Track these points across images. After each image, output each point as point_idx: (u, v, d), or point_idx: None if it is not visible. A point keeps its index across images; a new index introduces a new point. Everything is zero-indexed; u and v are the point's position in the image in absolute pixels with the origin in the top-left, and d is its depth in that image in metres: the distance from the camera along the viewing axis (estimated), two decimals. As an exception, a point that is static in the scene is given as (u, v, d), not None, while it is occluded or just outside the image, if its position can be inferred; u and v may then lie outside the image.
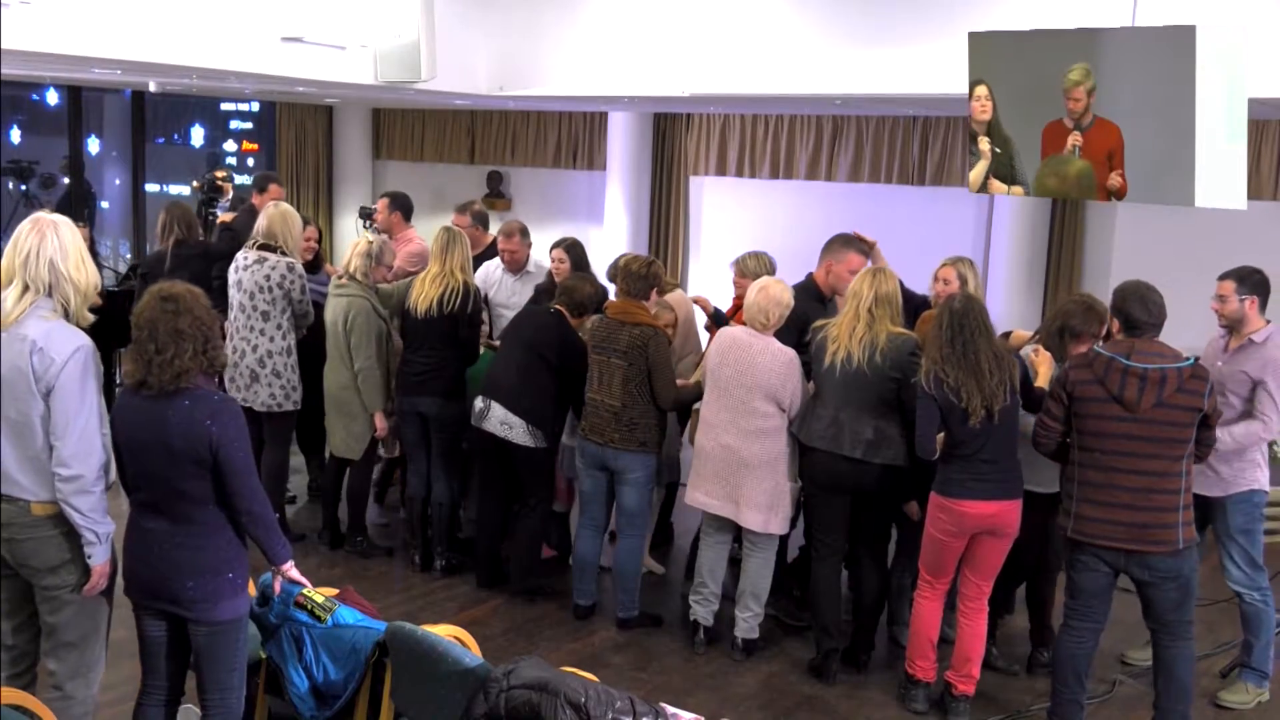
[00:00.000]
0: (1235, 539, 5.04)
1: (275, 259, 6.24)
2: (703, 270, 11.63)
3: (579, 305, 5.86)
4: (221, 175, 9.91)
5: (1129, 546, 4.36)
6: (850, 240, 5.85)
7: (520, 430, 5.71)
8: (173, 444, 3.45)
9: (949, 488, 4.74)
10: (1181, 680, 4.50)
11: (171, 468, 3.48)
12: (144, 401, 3.50)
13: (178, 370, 3.45)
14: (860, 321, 5.00)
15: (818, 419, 5.11)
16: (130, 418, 3.55)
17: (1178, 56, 4.68)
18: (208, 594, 3.58)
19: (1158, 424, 4.27)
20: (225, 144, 14.80)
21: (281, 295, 6.22)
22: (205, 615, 3.60)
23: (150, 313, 3.48)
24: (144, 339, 3.46)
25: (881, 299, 5.00)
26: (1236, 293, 4.95)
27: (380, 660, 3.75)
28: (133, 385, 3.53)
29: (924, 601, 4.96)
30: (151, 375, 3.45)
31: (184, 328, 3.46)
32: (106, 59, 7.26)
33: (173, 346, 3.44)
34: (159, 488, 3.54)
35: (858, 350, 4.96)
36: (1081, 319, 4.90)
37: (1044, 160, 5.25)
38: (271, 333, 6.25)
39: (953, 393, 4.62)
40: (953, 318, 4.66)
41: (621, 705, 3.23)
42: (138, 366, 3.49)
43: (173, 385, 3.46)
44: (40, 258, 3.55)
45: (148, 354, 3.45)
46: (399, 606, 5.77)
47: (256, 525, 3.62)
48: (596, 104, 11.21)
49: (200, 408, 3.48)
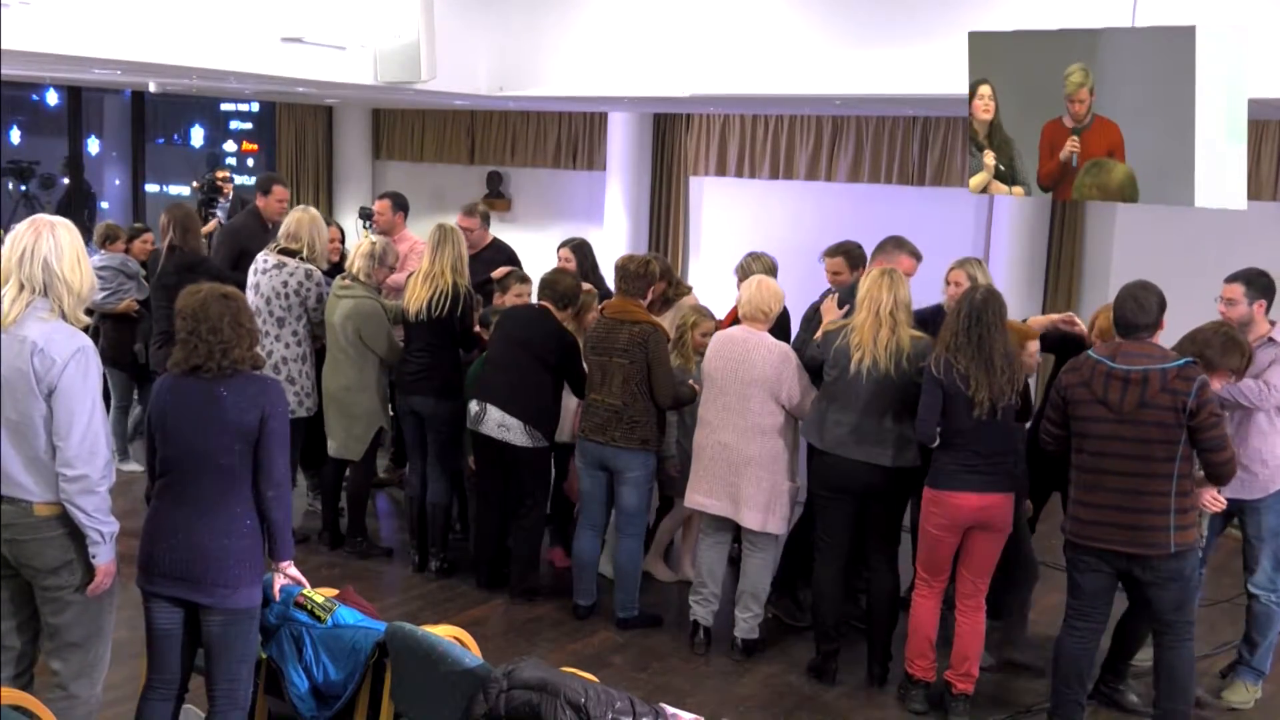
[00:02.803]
0: (1268, 540, 4.99)
1: (294, 265, 6.20)
2: (703, 270, 11.62)
3: (563, 297, 5.86)
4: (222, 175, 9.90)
5: (1120, 548, 4.36)
6: (903, 242, 5.76)
7: (518, 431, 5.71)
8: (226, 416, 3.64)
9: (940, 479, 4.76)
10: (1182, 681, 4.50)
11: (220, 439, 3.63)
12: (197, 383, 3.67)
13: (236, 358, 3.67)
14: (884, 326, 4.94)
15: (837, 425, 5.05)
16: (180, 399, 3.69)
17: (1178, 56, 4.68)
18: (229, 580, 3.65)
19: (1145, 425, 4.27)
20: (225, 144, 14.79)
21: (298, 302, 6.19)
22: (223, 602, 3.66)
23: (215, 308, 3.68)
24: (204, 331, 3.65)
25: (900, 303, 4.97)
26: (1245, 296, 4.92)
27: (380, 660, 3.75)
28: (182, 372, 3.69)
29: (921, 600, 4.97)
30: (211, 361, 3.65)
31: (244, 323, 3.73)
32: (106, 59, 7.26)
33: (235, 338, 3.68)
34: (197, 466, 3.66)
35: (884, 356, 4.92)
36: (1220, 351, 4.63)
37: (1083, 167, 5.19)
38: (287, 339, 6.23)
39: (961, 380, 4.62)
40: (972, 308, 4.67)
41: (621, 705, 3.23)
42: (193, 355, 3.65)
43: (230, 370, 3.67)
44: (34, 257, 3.55)
45: (209, 344, 3.65)
46: (399, 606, 5.77)
47: (279, 506, 3.74)
48: (596, 104, 11.20)
49: (253, 384, 3.72)
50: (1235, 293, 4.95)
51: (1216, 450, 4.30)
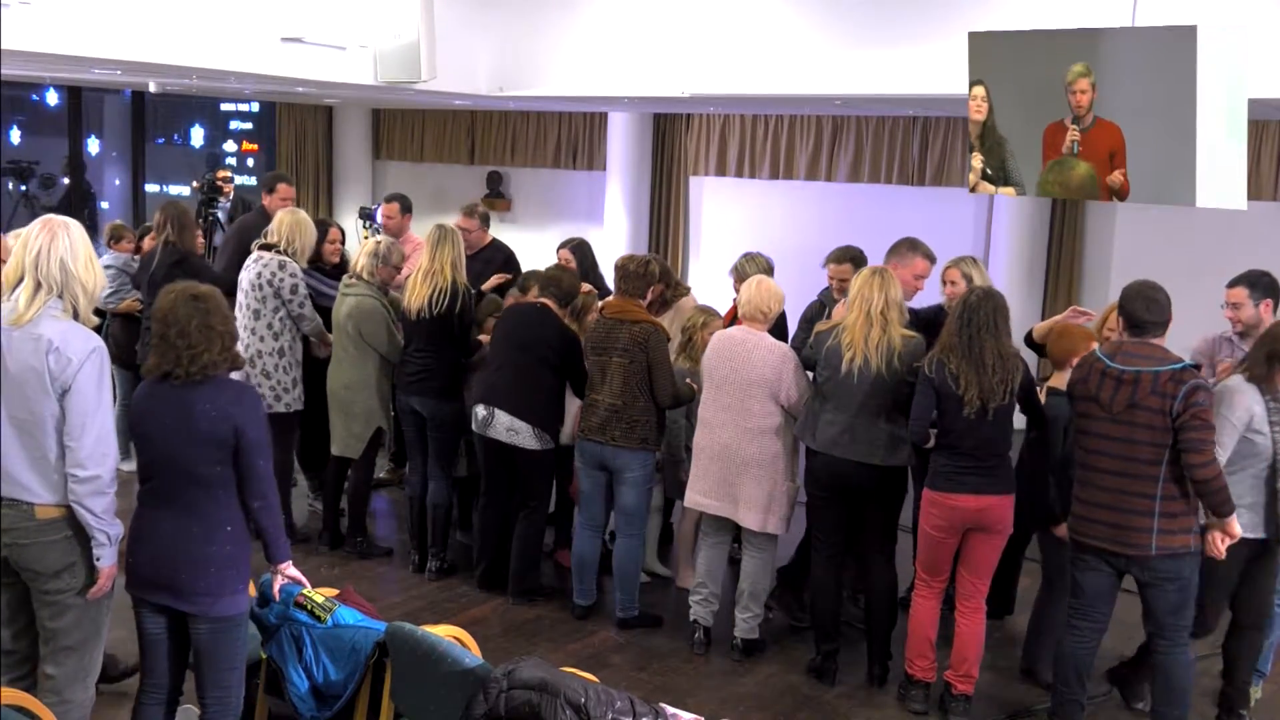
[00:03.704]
0: None
1: (269, 257, 6.21)
2: (703, 270, 11.63)
3: (566, 295, 5.85)
4: (222, 176, 9.90)
5: (1108, 546, 4.37)
6: (916, 244, 5.68)
7: (527, 435, 5.70)
8: (200, 426, 3.54)
9: (938, 481, 4.77)
10: (1179, 684, 4.47)
11: (194, 450, 3.55)
12: (170, 390, 3.58)
13: (206, 363, 3.57)
14: (874, 326, 4.94)
15: (830, 425, 5.05)
16: (154, 406, 3.62)
17: (1178, 57, 4.68)
18: (211, 588, 3.60)
19: (1135, 426, 4.26)
20: (225, 144, 14.80)
21: (272, 293, 6.18)
22: (207, 610, 3.62)
23: (183, 310, 3.57)
24: (173, 335, 3.55)
25: (891, 302, 4.97)
26: (1250, 298, 4.91)
27: (380, 660, 3.74)
28: (157, 377, 3.60)
29: (921, 601, 4.97)
30: (180, 368, 3.55)
31: (215, 325, 3.60)
32: (106, 59, 7.27)
33: (204, 342, 3.56)
34: (176, 475, 3.59)
35: (875, 356, 4.92)
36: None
37: (1046, 164, 5.24)
38: (262, 331, 6.22)
39: (952, 379, 4.63)
40: (965, 308, 4.69)
41: (621, 705, 3.23)
42: (164, 360, 3.57)
43: (200, 376, 3.57)
44: (51, 256, 3.56)
45: (178, 349, 3.55)
46: (399, 606, 5.77)
47: (268, 514, 3.69)
48: (596, 104, 11.21)
49: (225, 393, 3.61)
50: (1239, 296, 4.93)
51: (1194, 451, 4.18)
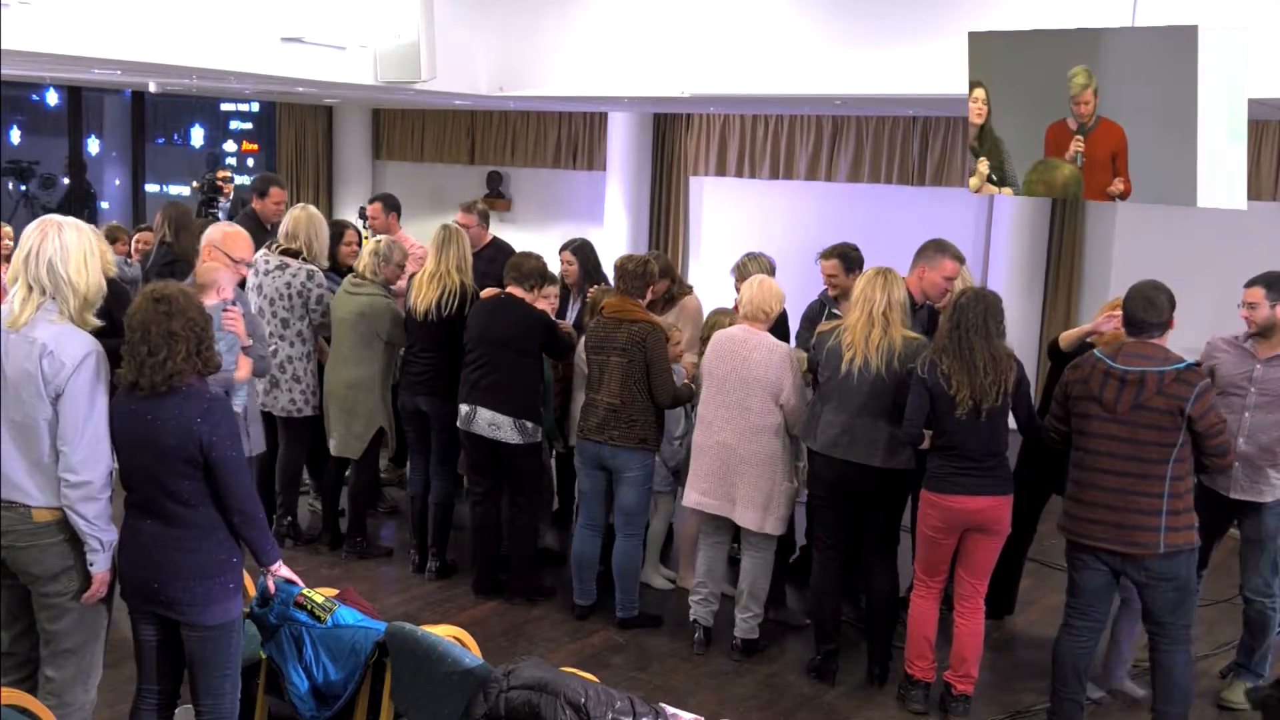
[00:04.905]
0: (1266, 544, 4.95)
1: (296, 265, 6.19)
2: (703, 270, 11.62)
3: (528, 276, 5.82)
4: (222, 176, 9.90)
5: (1109, 546, 4.37)
6: (945, 246, 5.60)
7: (508, 428, 5.70)
8: (163, 443, 3.43)
9: (935, 483, 4.77)
10: (1179, 683, 4.48)
11: (162, 467, 3.46)
12: (137, 402, 3.47)
13: (170, 372, 3.41)
14: (875, 327, 4.95)
15: (830, 426, 5.05)
16: (122, 417, 3.52)
17: (1180, 56, 4.68)
18: (198, 598, 3.54)
19: (1139, 426, 4.27)
20: (225, 144, 14.79)
21: (301, 304, 6.19)
22: (196, 619, 3.57)
23: (143, 314, 3.43)
24: (136, 340, 3.42)
25: (894, 303, 4.97)
26: (1267, 299, 4.89)
27: (380, 660, 3.74)
28: (126, 386, 3.50)
29: (920, 601, 4.97)
30: (143, 377, 3.42)
31: (177, 329, 3.42)
32: (106, 59, 7.27)
33: (165, 348, 3.40)
34: (151, 488, 3.51)
35: (875, 357, 4.92)
36: None
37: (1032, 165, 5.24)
38: (292, 339, 6.23)
39: (944, 380, 4.64)
40: (955, 311, 4.70)
41: (621, 705, 3.23)
42: (130, 368, 3.46)
43: (164, 386, 3.43)
44: (40, 258, 3.52)
45: (139, 356, 3.41)
46: (399, 607, 5.77)
47: (248, 526, 3.59)
48: (596, 104, 11.21)
49: (191, 406, 3.44)
50: (1256, 296, 4.91)
51: (1222, 455, 4.37)
